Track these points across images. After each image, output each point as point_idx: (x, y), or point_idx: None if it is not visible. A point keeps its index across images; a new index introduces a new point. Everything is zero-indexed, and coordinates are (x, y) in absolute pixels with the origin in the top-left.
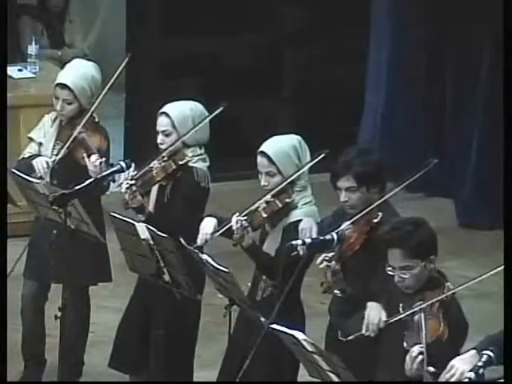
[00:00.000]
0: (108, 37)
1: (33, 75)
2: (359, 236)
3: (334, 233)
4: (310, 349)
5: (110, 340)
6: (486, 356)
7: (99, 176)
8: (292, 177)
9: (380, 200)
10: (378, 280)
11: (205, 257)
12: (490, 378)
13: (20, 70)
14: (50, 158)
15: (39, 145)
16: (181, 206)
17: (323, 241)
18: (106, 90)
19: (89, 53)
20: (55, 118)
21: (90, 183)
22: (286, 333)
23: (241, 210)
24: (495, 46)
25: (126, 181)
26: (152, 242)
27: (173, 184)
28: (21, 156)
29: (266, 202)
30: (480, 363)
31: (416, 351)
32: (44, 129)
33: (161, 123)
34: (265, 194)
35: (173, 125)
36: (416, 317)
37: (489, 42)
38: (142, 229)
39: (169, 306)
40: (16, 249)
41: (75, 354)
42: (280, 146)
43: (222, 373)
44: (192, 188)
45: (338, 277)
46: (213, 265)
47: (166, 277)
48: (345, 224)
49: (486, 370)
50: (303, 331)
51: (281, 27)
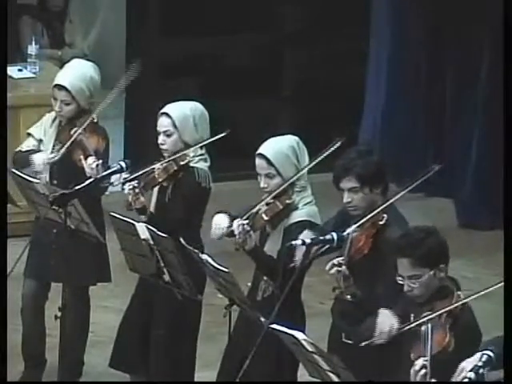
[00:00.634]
0: (108, 37)
1: (33, 75)
2: (367, 239)
3: (334, 233)
4: (310, 349)
5: (110, 340)
6: (486, 356)
7: (99, 176)
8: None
9: (386, 203)
10: (386, 284)
11: (205, 257)
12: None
13: (20, 70)
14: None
15: (39, 141)
16: (182, 206)
17: (323, 241)
18: (111, 95)
19: (89, 53)
20: (55, 118)
21: (90, 183)
22: (286, 333)
23: (241, 212)
24: (495, 46)
25: (129, 182)
26: (152, 242)
27: (174, 184)
28: (18, 148)
29: (267, 204)
30: (480, 363)
31: (419, 365)
32: (44, 127)
33: (162, 124)
34: (265, 196)
35: (174, 125)
36: (423, 327)
37: (489, 42)
38: (142, 229)
39: (169, 306)
40: (16, 249)
41: (75, 354)
42: (278, 148)
43: (222, 373)
44: (193, 188)
45: (349, 282)
46: (213, 265)
47: (166, 277)
48: (351, 228)
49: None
50: (304, 332)
51: (281, 27)
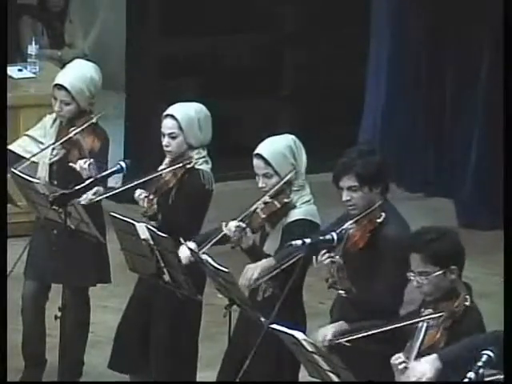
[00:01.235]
0: (108, 37)
1: (33, 75)
2: (363, 234)
3: (334, 233)
4: (310, 349)
5: (110, 340)
6: (486, 356)
7: (99, 176)
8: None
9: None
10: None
11: (205, 257)
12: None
13: (20, 70)
14: (49, 159)
15: (39, 144)
16: (186, 208)
17: (323, 241)
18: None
19: (89, 53)
20: (55, 119)
21: (90, 183)
22: (286, 333)
23: (240, 211)
24: (495, 46)
25: (142, 191)
26: (152, 242)
27: (178, 187)
28: (9, 147)
29: (265, 203)
30: (480, 363)
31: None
32: (45, 129)
33: (167, 125)
34: (262, 196)
35: (179, 127)
36: (420, 324)
37: (489, 42)
38: (142, 229)
39: (169, 306)
40: (16, 249)
41: (75, 354)
42: (275, 147)
43: (222, 373)
44: (198, 190)
45: (343, 273)
46: (213, 265)
47: (166, 277)
48: (347, 223)
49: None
50: (305, 332)
51: (281, 27)
